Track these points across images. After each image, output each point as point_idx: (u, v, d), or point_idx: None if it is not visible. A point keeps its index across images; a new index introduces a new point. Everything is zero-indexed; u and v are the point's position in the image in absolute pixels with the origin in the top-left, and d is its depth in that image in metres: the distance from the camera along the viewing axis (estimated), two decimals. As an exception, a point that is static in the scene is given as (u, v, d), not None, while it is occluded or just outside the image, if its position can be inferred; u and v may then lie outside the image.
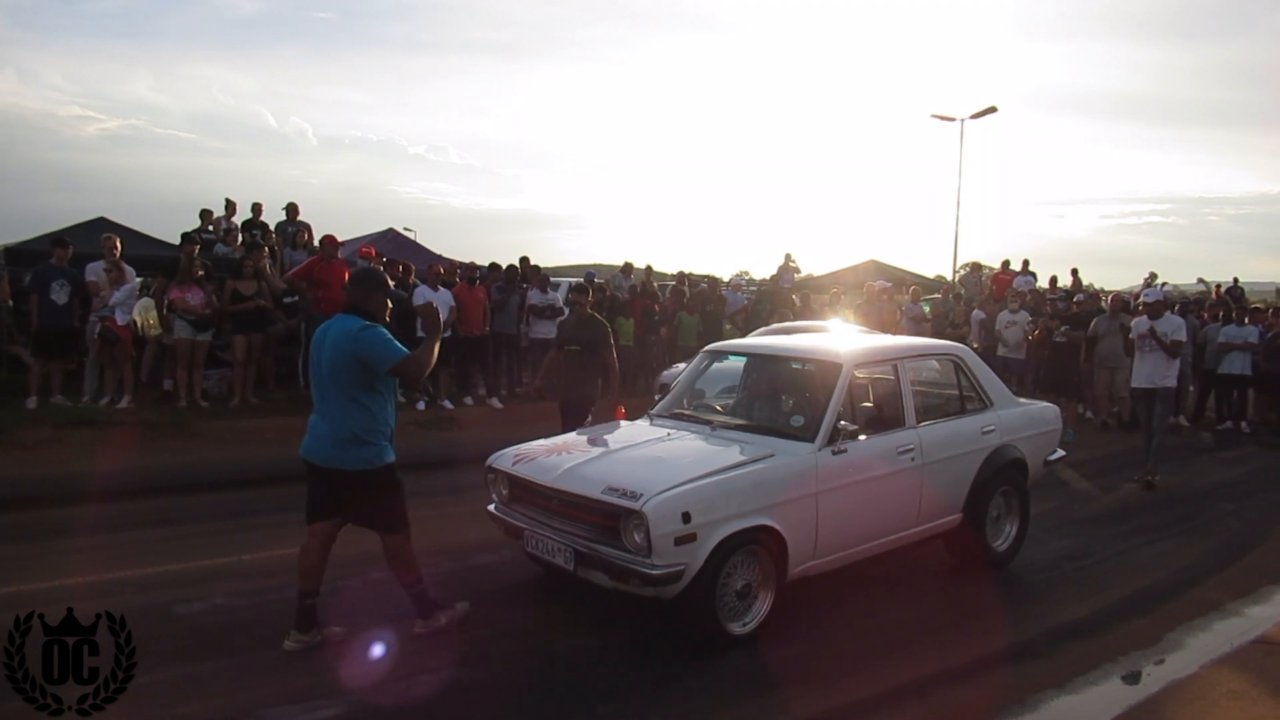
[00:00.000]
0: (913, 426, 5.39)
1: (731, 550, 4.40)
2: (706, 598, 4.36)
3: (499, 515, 5.16)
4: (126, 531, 6.23)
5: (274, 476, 7.89)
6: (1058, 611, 5.26)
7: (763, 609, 4.65)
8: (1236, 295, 17.52)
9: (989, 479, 5.76)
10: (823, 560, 4.91)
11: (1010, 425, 6.03)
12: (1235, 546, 6.81)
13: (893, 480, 5.18)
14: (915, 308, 15.06)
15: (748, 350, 6.31)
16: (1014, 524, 6.08)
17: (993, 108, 23.95)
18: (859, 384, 5.51)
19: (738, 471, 4.55)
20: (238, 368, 10.07)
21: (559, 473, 4.74)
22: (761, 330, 11.94)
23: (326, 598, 4.60)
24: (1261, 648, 4.74)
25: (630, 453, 4.96)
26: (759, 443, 4.92)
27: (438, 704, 3.91)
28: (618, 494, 4.32)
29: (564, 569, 4.59)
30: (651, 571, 4.16)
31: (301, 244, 12.38)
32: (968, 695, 4.20)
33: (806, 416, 5.09)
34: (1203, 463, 10.06)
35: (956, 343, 7.18)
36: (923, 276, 24.71)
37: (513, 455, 5.20)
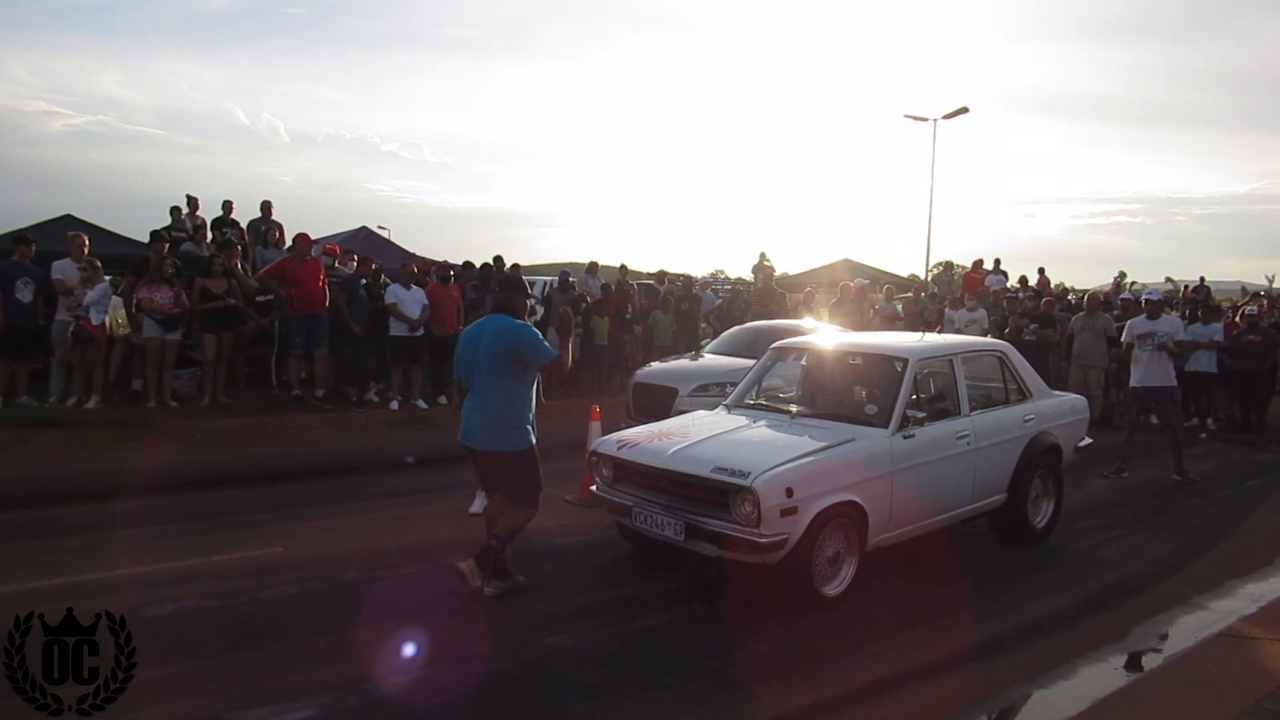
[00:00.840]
0: (967, 415, 6.04)
1: (825, 522, 5.00)
2: (805, 563, 4.96)
3: (603, 495, 5.67)
4: (94, 533, 6.15)
5: (245, 477, 7.84)
6: (1028, 606, 5.31)
7: (849, 574, 5.24)
8: (1203, 294, 17.79)
9: (1030, 462, 6.38)
10: (894, 533, 5.51)
11: (1047, 414, 6.69)
12: (1201, 541, 6.92)
13: (952, 463, 5.81)
14: (889, 306, 15.18)
15: (816, 346, 6.84)
16: (1050, 503, 6.69)
17: (964, 108, 24.13)
18: (922, 377, 6.04)
19: (828, 453, 5.15)
20: (208, 367, 9.96)
21: (668, 455, 5.29)
22: (736, 329, 12.01)
23: (355, 587, 4.56)
24: (1227, 641, 4.81)
25: (727, 438, 5.51)
26: (838, 429, 5.51)
27: (408, 704, 3.89)
28: (727, 473, 4.90)
29: (674, 541, 5.15)
30: (760, 540, 4.72)
31: (273, 242, 12.28)
32: (939, 691, 4.23)
33: (879, 406, 5.70)
34: (1170, 459, 10.17)
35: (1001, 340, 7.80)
36: (896, 275, 24.92)
37: (616, 441, 5.76)
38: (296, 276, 10.19)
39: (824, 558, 5.11)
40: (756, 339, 11.05)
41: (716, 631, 4.80)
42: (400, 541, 6.15)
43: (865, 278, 17.73)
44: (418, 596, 5.19)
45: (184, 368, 10.23)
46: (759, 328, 11.69)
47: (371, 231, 17.88)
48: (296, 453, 8.78)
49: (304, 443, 9.22)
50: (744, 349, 10.76)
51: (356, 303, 10.56)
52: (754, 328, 11.85)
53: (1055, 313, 13.31)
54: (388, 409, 10.56)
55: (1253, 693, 3.95)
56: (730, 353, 10.68)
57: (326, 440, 9.35)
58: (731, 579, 5.49)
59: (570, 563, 5.88)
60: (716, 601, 5.25)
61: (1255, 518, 7.74)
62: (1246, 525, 7.48)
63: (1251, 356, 12.17)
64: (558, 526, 6.62)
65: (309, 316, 10.26)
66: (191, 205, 12.81)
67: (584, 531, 6.53)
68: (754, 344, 10.91)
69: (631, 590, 5.36)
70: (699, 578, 5.61)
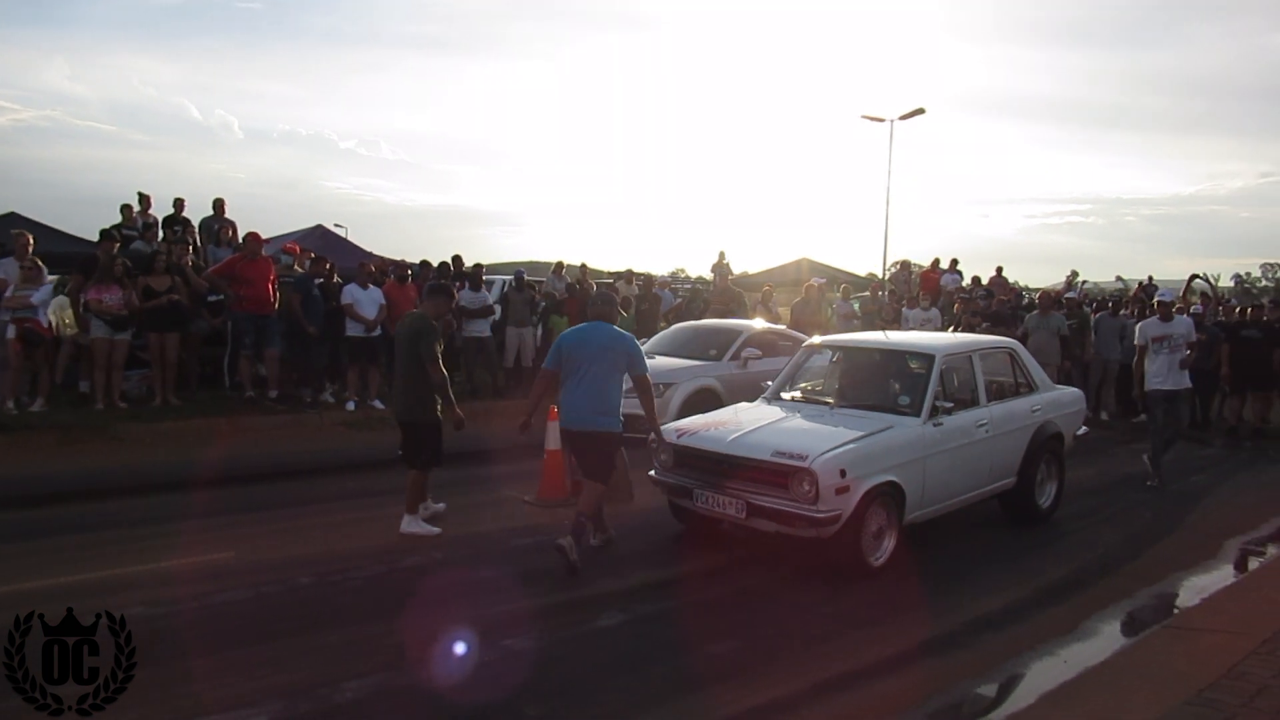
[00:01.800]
0: (985, 405, 6.64)
1: (872, 500, 5.56)
2: (855, 536, 5.51)
3: (663, 479, 6.21)
4: (36, 539, 6.00)
5: (196, 480, 7.67)
6: (980, 602, 5.40)
7: (890, 546, 5.78)
8: (1151, 293, 18.16)
9: (1037, 449, 7.00)
10: (925, 510, 6.10)
11: (1051, 405, 7.35)
12: (1146, 535, 7.08)
13: (973, 448, 6.42)
14: (846, 305, 15.32)
15: (849, 345, 7.50)
16: (1054, 486, 7.34)
17: (921, 109, 24.42)
18: (946, 371, 6.53)
19: (871, 439, 5.71)
20: (155, 368, 9.75)
21: (729, 441, 5.84)
22: (675, 328, 12.04)
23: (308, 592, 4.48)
24: (1170, 633, 4.92)
25: (779, 426, 6.09)
26: (876, 418, 6.06)
27: (361, 710, 3.85)
28: (787, 456, 5.46)
29: (734, 518, 5.72)
30: (817, 515, 5.30)
31: (225, 240, 12.07)
32: (893, 687, 4.28)
33: (911, 397, 6.26)
34: (1119, 455, 10.41)
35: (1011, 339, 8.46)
36: (855, 274, 25.14)
37: (675, 430, 6.26)
38: (246, 276, 10.03)
39: (870, 532, 5.66)
40: (695, 338, 11.09)
41: (674, 631, 4.82)
42: (355, 545, 6.08)
43: (822, 277, 17.88)
44: (372, 600, 5.14)
45: (133, 369, 10.01)
46: (698, 327, 11.76)
47: (327, 230, 17.66)
48: (249, 455, 8.64)
49: (257, 445, 9.07)
50: (682, 348, 10.80)
51: (310, 303, 10.42)
52: (693, 326, 11.91)
53: (1007, 311, 13.52)
54: (343, 410, 10.43)
55: (1195, 683, 4.04)
56: (669, 352, 10.73)
57: (280, 442, 9.21)
58: (688, 578, 5.52)
59: (528, 564, 5.85)
60: (674, 602, 5.27)
61: (1199, 512, 7.94)
62: (1192, 519, 7.66)
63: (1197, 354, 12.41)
64: (516, 528, 6.60)
65: (258, 317, 10.10)
66: (143, 203, 12.54)
67: (542, 533, 6.50)
68: (692, 343, 10.93)
69: (589, 591, 5.35)
70: (655, 579, 5.63)
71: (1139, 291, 17.51)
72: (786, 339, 11.34)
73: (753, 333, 11.00)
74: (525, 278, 13.68)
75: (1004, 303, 14.18)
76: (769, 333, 11.27)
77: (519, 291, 13.13)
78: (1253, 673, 4.14)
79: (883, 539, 5.79)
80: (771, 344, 10.84)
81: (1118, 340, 13.02)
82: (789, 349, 10.80)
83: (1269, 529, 7.44)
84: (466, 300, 12.03)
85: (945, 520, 6.48)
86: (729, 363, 10.40)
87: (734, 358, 10.41)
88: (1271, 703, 3.82)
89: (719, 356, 10.50)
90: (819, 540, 5.51)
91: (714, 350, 10.63)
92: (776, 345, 10.92)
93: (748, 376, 9.97)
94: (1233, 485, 9.07)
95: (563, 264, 15.40)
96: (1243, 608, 5.28)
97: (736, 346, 10.54)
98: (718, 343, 10.80)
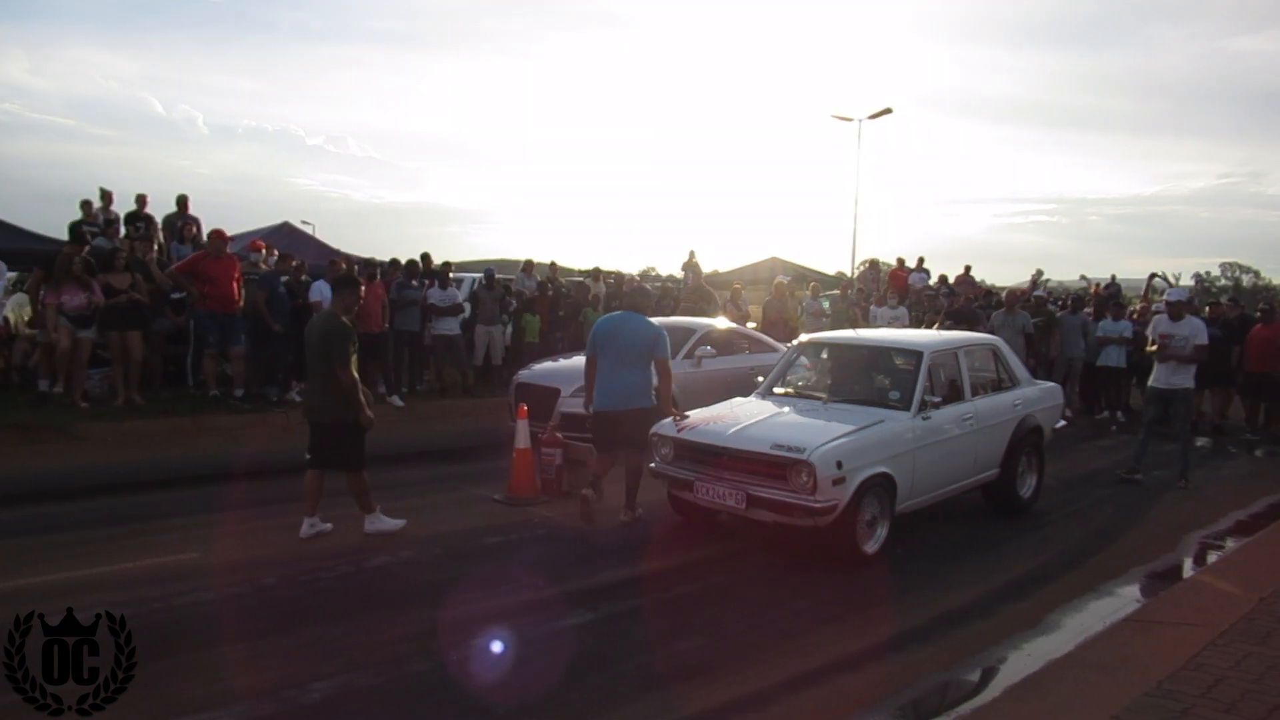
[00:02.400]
0: (969, 400, 6.89)
1: (866, 490, 5.77)
2: (850, 525, 5.73)
3: (663, 472, 6.38)
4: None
5: (160, 480, 7.58)
6: (946, 597, 5.45)
7: (883, 534, 6.02)
8: (1114, 291, 18.44)
9: (1019, 442, 7.27)
10: (914, 501, 6.32)
11: (1031, 399, 7.64)
12: (1109, 530, 7.19)
13: (960, 441, 6.67)
14: (815, 303, 15.41)
15: (840, 342, 7.75)
16: (1034, 477, 7.61)
17: (889, 109, 24.68)
18: (934, 367, 6.75)
19: (865, 432, 5.91)
20: (117, 366, 9.59)
21: (728, 435, 6.01)
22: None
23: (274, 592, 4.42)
24: (1131, 625, 5.00)
25: (776, 420, 6.27)
26: (867, 412, 6.25)
27: (328, 710, 3.82)
28: (785, 449, 5.64)
29: (734, 509, 5.90)
30: (815, 505, 5.49)
31: (189, 238, 11.90)
32: (861, 682, 4.32)
33: (901, 392, 6.47)
34: (1083, 451, 10.57)
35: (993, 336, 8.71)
36: (823, 273, 25.32)
37: (675, 424, 6.42)
38: (210, 274, 9.90)
39: (864, 521, 5.87)
40: None
41: (642, 629, 4.82)
42: (322, 545, 6.02)
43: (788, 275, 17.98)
44: (339, 601, 5.09)
45: (96, 367, 9.85)
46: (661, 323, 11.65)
47: (294, 227, 17.41)
48: (214, 454, 8.53)
49: (222, 444, 8.96)
50: None
51: (276, 300, 10.31)
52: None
53: (973, 310, 13.66)
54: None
55: (1155, 675, 4.10)
56: None
57: (246, 441, 9.10)
58: (657, 576, 5.52)
59: (496, 562, 5.84)
60: (643, 599, 5.27)
61: (1161, 506, 8.07)
62: (1153, 513, 7.79)
63: (1158, 352, 12.60)
64: (485, 526, 6.57)
65: (223, 315, 9.99)
66: (104, 199, 12.33)
67: (511, 531, 6.49)
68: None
69: (557, 589, 5.34)
70: (625, 576, 5.63)
71: (1100, 290, 17.76)
72: (744, 338, 11.25)
73: (708, 331, 10.78)
74: (496, 276, 13.63)
75: (970, 301, 14.32)
76: (726, 331, 11.08)
77: (489, 290, 13.08)
78: (1211, 664, 4.22)
79: (875, 528, 6.01)
80: (728, 343, 10.70)
81: (1080, 338, 13.22)
82: (747, 348, 10.83)
83: (1227, 523, 7.59)
84: (435, 298, 11.96)
85: (916, 516, 6.53)
86: (682, 361, 10.13)
87: (687, 356, 10.21)
88: (1228, 693, 3.90)
89: (671, 355, 10.36)
90: (815, 529, 5.68)
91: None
92: (733, 344, 10.79)
93: (701, 376, 9.90)
94: (1193, 480, 9.22)
95: (532, 262, 15.36)
96: (1202, 600, 5.37)
97: (690, 345, 10.35)
98: (671, 341, 10.63)
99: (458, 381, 12.46)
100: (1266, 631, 4.65)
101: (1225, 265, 75.67)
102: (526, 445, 7.39)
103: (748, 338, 11.32)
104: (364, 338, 10.51)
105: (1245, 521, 7.65)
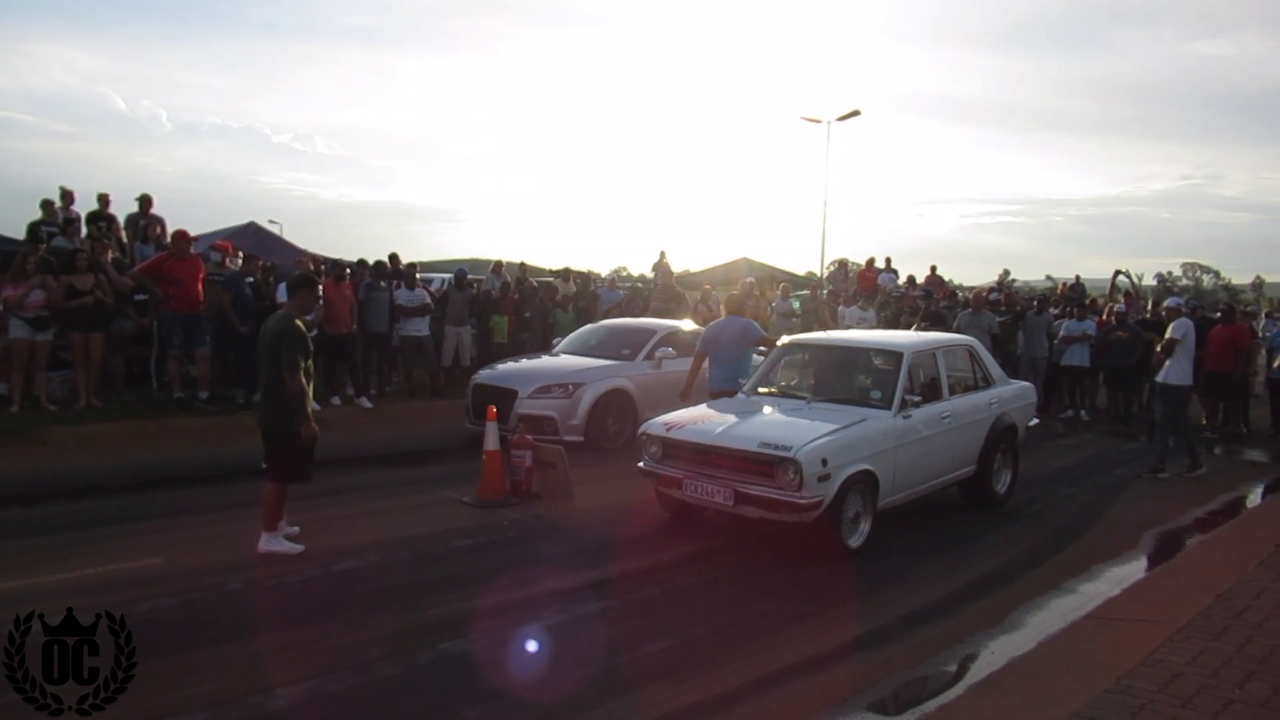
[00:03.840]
0: (948, 399, 7.09)
1: (850, 487, 5.94)
2: (834, 521, 5.89)
3: (652, 470, 6.48)
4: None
5: (122, 484, 7.47)
6: (912, 596, 5.51)
7: (866, 529, 6.18)
8: (1079, 291, 18.70)
9: (994, 439, 7.48)
10: (895, 497, 6.50)
11: (1006, 398, 7.86)
12: (1072, 528, 7.30)
13: (938, 439, 6.86)
14: (785, 303, 15.50)
15: (822, 343, 7.92)
16: (1008, 474, 7.84)
17: (857, 111, 24.84)
18: (914, 367, 6.89)
19: (848, 430, 6.07)
20: (79, 368, 9.43)
21: (716, 434, 6.15)
22: (588, 328, 11.85)
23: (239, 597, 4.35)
24: (1093, 622, 5.08)
25: (762, 419, 6.46)
26: (850, 411, 6.42)
27: (293, 716, 3.79)
28: (772, 447, 5.78)
29: (722, 506, 6.03)
30: (801, 502, 5.64)
31: (153, 238, 11.72)
32: (828, 681, 4.35)
33: (883, 391, 6.65)
34: (1047, 449, 10.71)
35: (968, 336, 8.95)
36: (793, 274, 25.44)
37: (663, 424, 6.54)
38: (174, 275, 9.78)
39: (848, 517, 6.03)
40: (609, 338, 10.89)
41: (609, 631, 4.82)
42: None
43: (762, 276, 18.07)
44: (306, 605, 5.05)
45: (56, 369, 9.68)
46: (611, 326, 11.59)
47: (260, 227, 17.22)
48: (178, 458, 8.43)
49: (186, 447, 8.85)
50: (595, 348, 10.62)
51: (242, 301, 10.20)
52: (606, 326, 11.73)
53: (940, 311, 13.81)
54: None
55: (1115, 671, 4.17)
56: (581, 352, 10.63)
57: (211, 444, 9.00)
58: (625, 578, 5.53)
59: (466, 565, 5.81)
60: (612, 601, 5.27)
61: (1122, 503, 8.21)
62: (1114, 511, 7.92)
63: (1119, 351, 12.84)
64: (454, 529, 6.55)
65: (187, 317, 9.86)
66: (65, 198, 12.10)
67: (480, 533, 6.47)
68: (606, 343, 10.74)
69: (527, 592, 5.33)
70: (593, 578, 5.63)
71: (1065, 290, 18.01)
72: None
73: (668, 332, 10.75)
74: (468, 276, 13.56)
75: (937, 301, 14.48)
76: (686, 333, 10.94)
77: (460, 290, 13.01)
78: (1168, 660, 4.30)
79: (859, 523, 6.17)
80: (689, 344, 10.28)
81: (1045, 337, 13.40)
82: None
83: (1186, 520, 7.72)
84: (403, 299, 11.88)
85: (883, 514, 6.59)
86: (643, 362, 10.21)
87: (648, 358, 10.22)
88: (1185, 688, 3.98)
89: (632, 356, 10.32)
90: (801, 525, 5.81)
91: (627, 350, 10.42)
92: (694, 345, 10.64)
93: (661, 377, 9.89)
94: (1152, 478, 9.39)
95: (502, 263, 15.31)
96: (1160, 597, 5.47)
97: (650, 346, 10.34)
98: (631, 342, 10.59)
99: (426, 383, 12.39)
100: (1222, 627, 4.75)
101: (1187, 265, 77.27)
102: (496, 447, 7.37)
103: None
104: (332, 339, 10.52)
105: (1204, 519, 7.79)
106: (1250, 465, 10.57)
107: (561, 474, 7.40)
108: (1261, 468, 10.39)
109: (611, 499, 7.36)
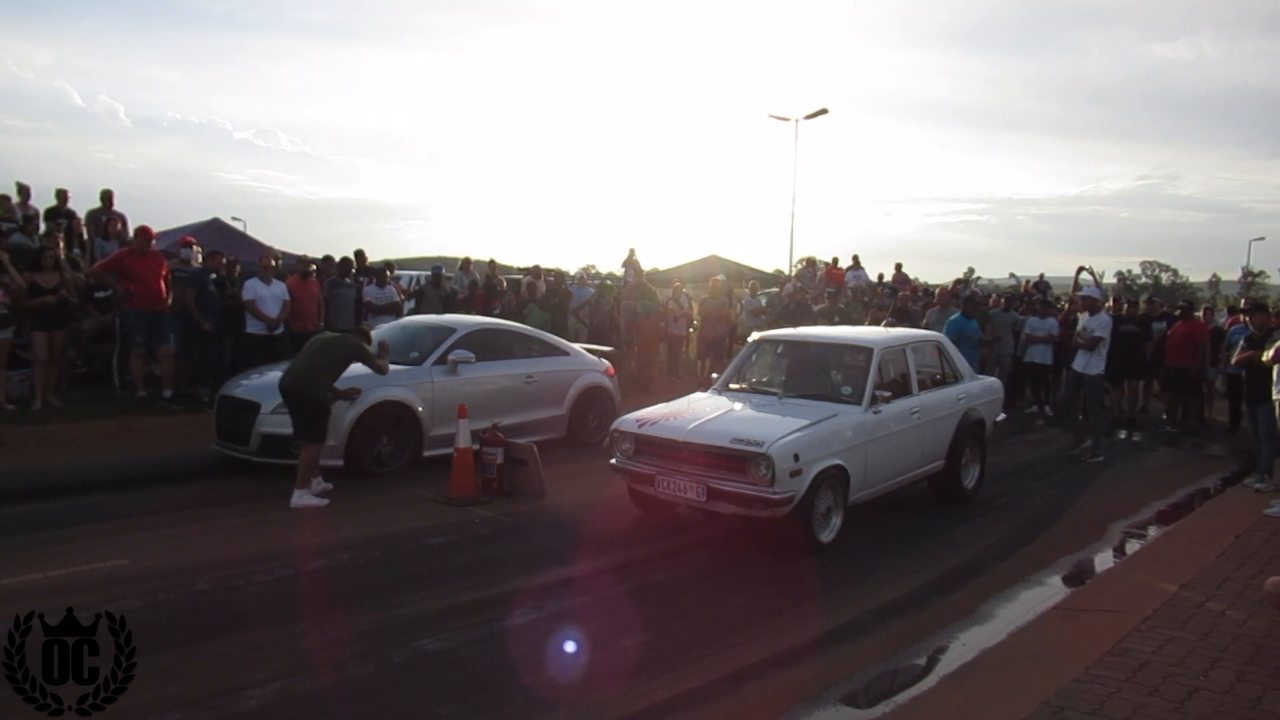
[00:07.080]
0: (917, 395, 7.15)
1: (821, 482, 5.99)
2: (806, 516, 5.94)
3: (624, 467, 6.46)
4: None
5: (84, 485, 7.31)
6: (883, 590, 5.56)
7: (838, 524, 6.25)
8: (1043, 289, 18.97)
9: (963, 434, 7.60)
10: (866, 492, 6.58)
11: (974, 393, 7.97)
12: (1038, 522, 7.41)
13: (908, 434, 6.94)
14: (754, 301, 15.56)
15: (793, 339, 7.83)
16: (977, 468, 7.97)
17: (824, 109, 25.03)
18: (884, 363, 6.98)
19: (819, 425, 6.11)
20: (39, 367, 9.24)
21: (689, 430, 6.13)
22: (384, 327, 10.86)
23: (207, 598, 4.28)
24: (1061, 613, 5.16)
25: (734, 415, 6.39)
26: (821, 406, 6.46)
27: (269, 716, 3.74)
28: (744, 443, 5.80)
29: (695, 502, 6.05)
30: (773, 497, 5.67)
31: (114, 234, 11.52)
32: (801, 675, 4.37)
33: (853, 387, 6.70)
34: (1012, 445, 10.84)
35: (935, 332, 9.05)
36: (762, 271, 25.56)
37: (635, 420, 6.51)
38: (136, 272, 9.61)
39: (820, 512, 6.09)
40: (400, 338, 9.07)
41: (583, 628, 4.81)
42: (255, 548, 5.88)
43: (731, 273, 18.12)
44: (276, 604, 4.99)
45: (14, 368, 9.47)
46: (406, 324, 9.99)
47: (224, 223, 16.98)
48: (142, 457, 8.28)
49: (150, 446, 8.70)
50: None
51: (206, 298, 10.05)
52: (401, 324, 10.06)
53: (908, 307, 13.95)
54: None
55: (1083, 661, 4.25)
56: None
57: (176, 443, 8.85)
58: (597, 575, 5.52)
59: (437, 563, 5.77)
60: (584, 598, 5.27)
61: (1088, 496, 8.35)
62: (1079, 505, 8.05)
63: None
64: (426, 527, 6.49)
65: (150, 314, 9.70)
66: (22, 193, 11.87)
67: (452, 531, 6.43)
68: (396, 344, 8.65)
69: (499, 589, 5.31)
70: (565, 575, 5.62)
71: (1029, 288, 18.26)
72: (520, 339, 9.62)
73: (469, 332, 9.03)
74: (443, 273, 13.46)
75: (905, 298, 14.62)
76: (493, 332, 9.39)
77: (435, 287, 12.91)
78: (1135, 649, 4.39)
79: (831, 518, 6.23)
80: (495, 346, 9.16)
81: (1010, 334, 13.58)
82: (523, 351, 9.46)
83: (1149, 513, 7.87)
84: (372, 296, 11.77)
85: (853, 508, 6.64)
86: (432, 368, 8.45)
87: (440, 361, 8.52)
88: (1152, 677, 4.06)
89: (420, 360, 8.52)
90: (773, 520, 5.84)
91: (416, 353, 8.64)
92: (503, 347, 9.25)
93: (453, 386, 8.38)
94: (1115, 472, 9.56)
95: (470, 260, 15.23)
96: (1126, 588, 5.58)
97: (444, 348, 8.64)
98: (421, 343, 8.82)
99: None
100: (1186, 617, 4.85)
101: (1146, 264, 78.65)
102: (468, 445, 7.32)
103: (528, 338, 9.72)
104: (298, 336, 10.36)
105: (1166, 511, 7.95)
106: (1210, 459, 10.78)
107: (534, 471, 7.38)
108: (1220, 461, 10.60)
109: (584, 496, 7.34)
